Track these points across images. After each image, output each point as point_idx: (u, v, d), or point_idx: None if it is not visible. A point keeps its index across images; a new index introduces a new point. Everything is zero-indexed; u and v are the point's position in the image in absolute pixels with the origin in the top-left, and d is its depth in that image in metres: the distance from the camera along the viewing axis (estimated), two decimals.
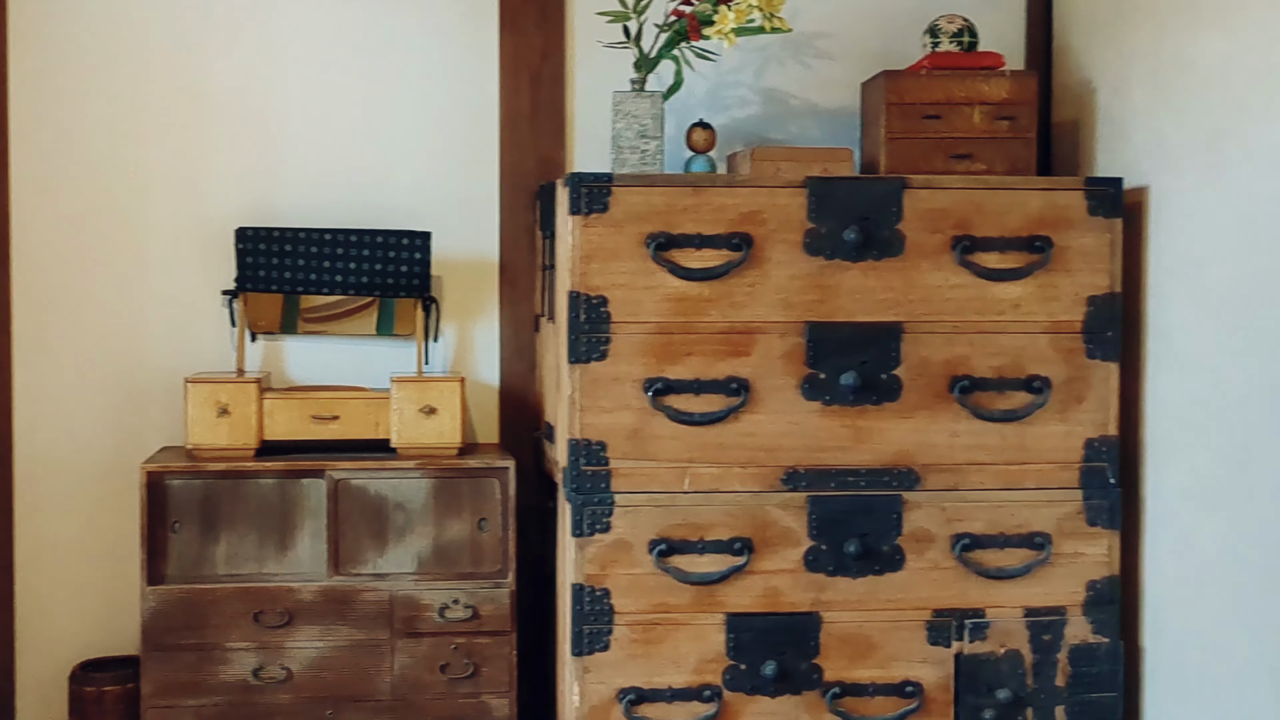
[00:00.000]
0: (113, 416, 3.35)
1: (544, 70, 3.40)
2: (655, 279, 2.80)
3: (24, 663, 3.34)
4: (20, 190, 3.32)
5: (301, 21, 3.38)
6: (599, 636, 2.82)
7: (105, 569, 3.36)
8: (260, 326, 3.35)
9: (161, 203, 3.36)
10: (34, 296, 3.33)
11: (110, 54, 3.33)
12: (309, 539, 3.08)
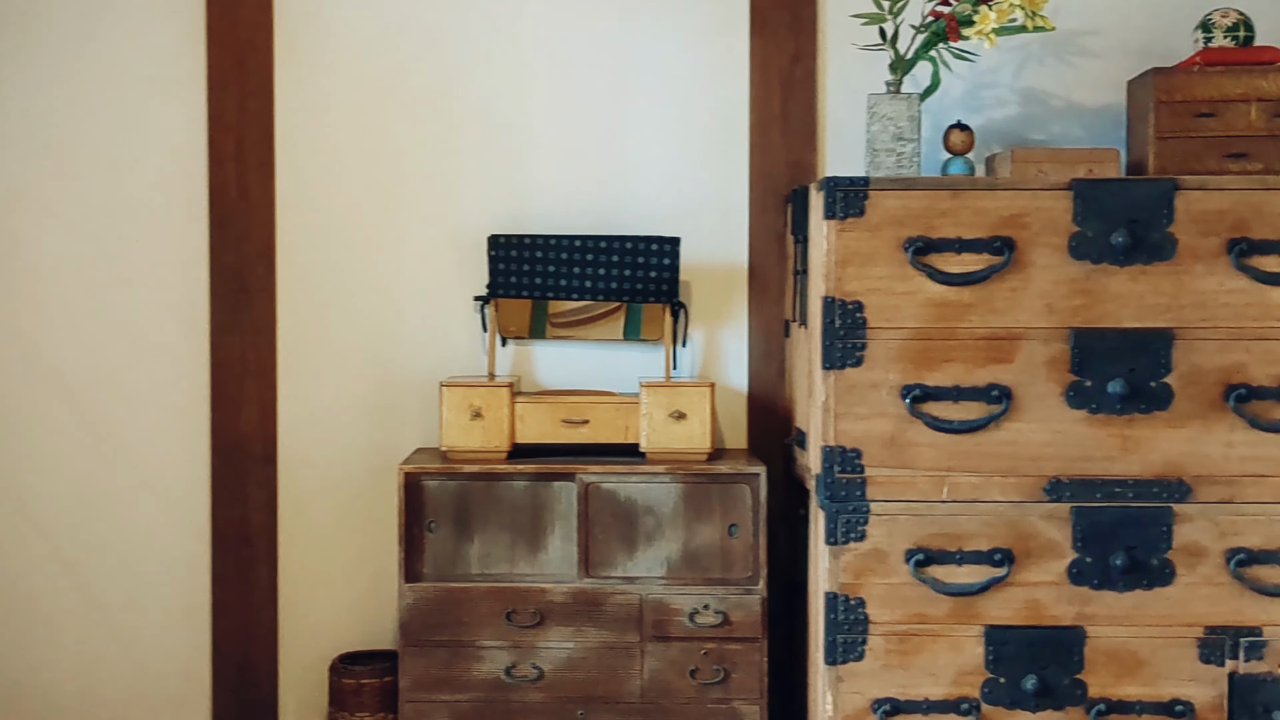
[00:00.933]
0: (370, 418, 3.53)
1: (795, 73, 3.44)
2: (913, 284, 2.82)
3: (286, 654, 3.54)
4: (284, 200, 3.52)
5: (553, 31, 3.50)
6: (853, 646, 2.84)
7: (363, 566, 3.53)
8: (510, 331, 3.47)
9: (417, 211, 3.52)
10: (297, 302, 3.53)
11: (369, 66, 3.51)
12: (559, 541, 3.19)
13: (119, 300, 3.54)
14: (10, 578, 3.55)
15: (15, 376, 3.55)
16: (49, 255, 3.54)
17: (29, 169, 3.53)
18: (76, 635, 3.56)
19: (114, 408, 3.54)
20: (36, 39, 3.51)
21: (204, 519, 3.54)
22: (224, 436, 3.52)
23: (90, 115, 3.52)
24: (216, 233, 3.51)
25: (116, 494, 3.55)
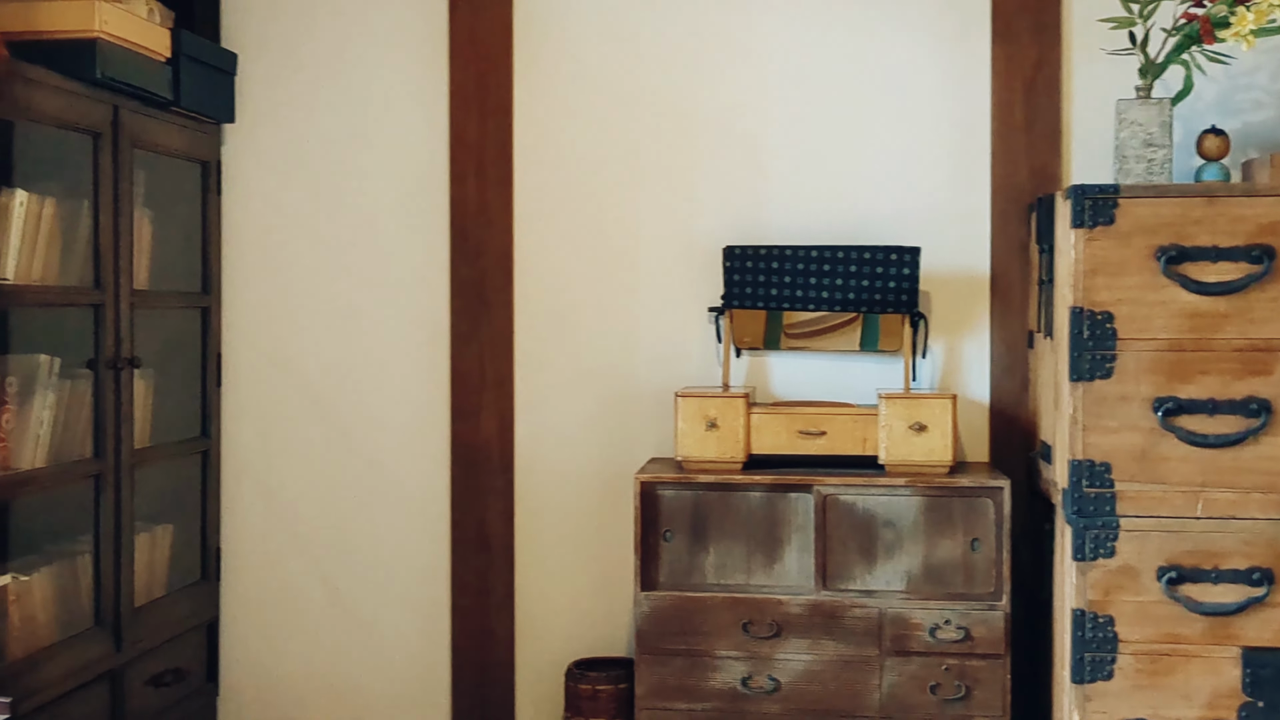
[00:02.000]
0: (605, 428, 3.65)
1: (1038, 79, 3.45)
2: (1165, 294, 2.80)
3: (523, 658, 3.69)
4: (522, 213, 3.67)
5: (789, 40, 3.57)
6: (1101, 665, 2.83)
7: (597, 573, 3.65)
8: (745, 342, 3.55)
9: (653, 222, 3.63)
10: (534, 313, 3.68)
11: (605, 80, 3.64)
12: (796, 553, 3.25)
13: (365, 313, 3.74)
14: (265, 577, 3.79)
15: (270, 387, 3.78)
16: (301, 270, 3.76)
17: (286, 189, 3.76)
18: (324, 633, 3.77)
19: (360, 416, 3.74)
20: (295, 66, 3.74)
21: (444, 525, 3.71)
22: (463, 445, 3.69)
23: (341, 137, 3.74)
24: (457, 246, 3.68)
25: (363, 499, 3.75)
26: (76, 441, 3.15)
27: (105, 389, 3.19)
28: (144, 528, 3.43)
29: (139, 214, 3.38)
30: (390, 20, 3.71)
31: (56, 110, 2.99)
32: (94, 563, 3.18)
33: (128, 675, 3.27)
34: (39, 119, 2.94)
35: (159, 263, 3.53)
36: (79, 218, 3.14)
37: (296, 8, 3.74)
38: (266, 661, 3.78)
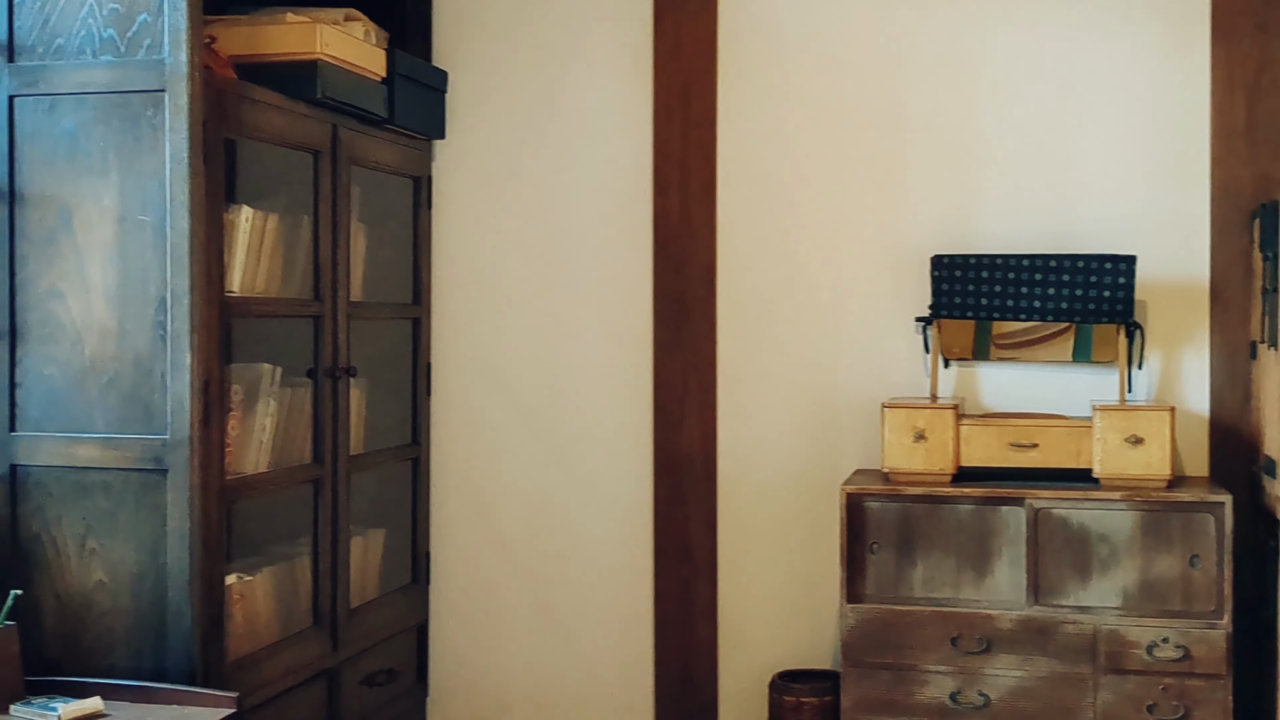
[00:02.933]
0: (808, 438, 3.66)
1: (1261, 82, 3.35)
2: None
3: (726, 669, 3.71)
4: (725, 223, 3.70)
5: (998, 45, 3.53)
6: None
7: (801, 584, 3.66)
8: (953, 353, 3.52)
9: (857, 231, 3.63)
10: (736, 323, 3.70)
11: (810, 90, 3.65)
12: (1007, 567, 3.21)
13: (570, 323, 3.82)
14: (472, 581, 3.89)
15: (477, 396, 3.89)
16: (508, 282, 3.86)
17: (493, 203, 3.87)
18: (529, 638, 3.85)
19: (565, 425, 3.82)
20: (503, 83, 3.84)
21: (648, 534, 3.76)
22: (666, 454, 3.73)
23: (547, 151, 3.82)
24: (660, 257, 3.74)
25: (567, 507, 3.82)
26: (296, 447, 3.28)
27: (323, 397, 3.32)
28: (357, 531, 3.55)
29: (354, 228, 3.51)
30: (595, 36, 3.78)
31: (279, 129, 3.12)
32: (312, 564, 3.31)
33: (343, 674, 3.39)
34: (263, 138, 3.07)
35: (372, 275, 3.66)
36: (299, 232, 3.27)
37: (505, 26, 3.84)
38: (474, 664, 3.88)
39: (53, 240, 2.75)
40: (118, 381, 2.73)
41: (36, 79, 2.74)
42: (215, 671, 2.78)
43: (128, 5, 2.69)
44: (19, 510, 2.77)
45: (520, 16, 3.83)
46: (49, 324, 2.76)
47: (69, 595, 2.74)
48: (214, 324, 2.79)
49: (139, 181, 2.70)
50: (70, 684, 2.63)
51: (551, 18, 3.81)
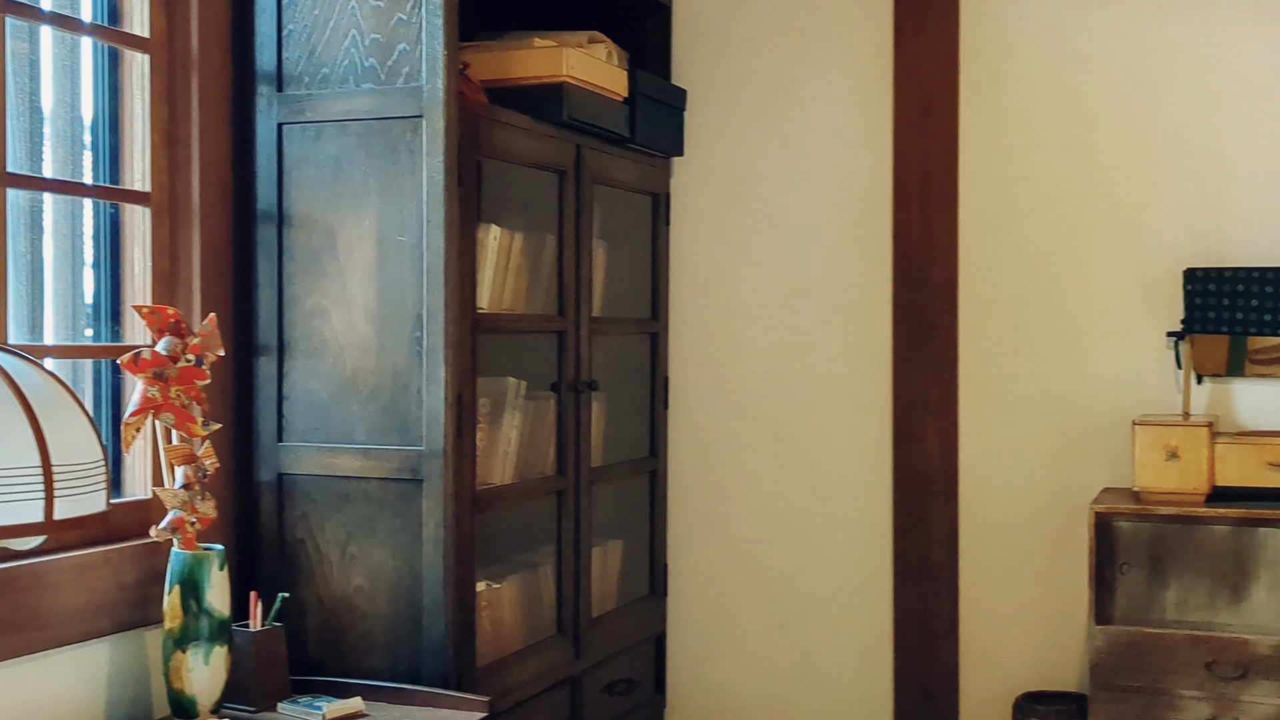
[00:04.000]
0: (1054, 455, 3.60)
1: None
2: None
3: (967, 689, 3.68)
4: (967, 237, 3.68)
5: (1251, 52, 3.43)
6: None
7: (1045, 604, 3.60)
8: (1206, 369, 3.43)
9: (1103, 245, 3.56)
10: (978, 338, 3.67)
11: (1054, 101, 3.60)
12: (1265, 591, 3.11)
13: (807, 337, 3.84)
14: (709, 594, 3.94)
15: (714, 410, 3.94)
16: (745, 297, 3.90)
17: (731, 218, 3.92)
18: (767, 653, 3.88)
19: (802, 439, 3.84)
20: (741, 99, 3.90)
21: (887, 550, 3.75)
22: (906, 471, 3.72)
23: (785, 165, 3.86)
24: (900, 270, 3.73)
25: (805, 521, 3.84)
26: (538, 459, 3.38)
27: (566, 410, 3.42)
28: (597, 542, 3.64)
29: (595, 245, 3.60)
30: (834, 51, 3.80)
31: (526, 151, 3.23)
32: (556, 574, 3.41)
33: (585, 682, 3.48)
34: (511, 159, 3.19)
35: (611, 291, 3.75)
36: (543, 250, 3.38)
37: (742, 43, 3.89)
38: (711, 677, 3.93)
39: (317, 260, 2.90)
40: (377, 395, 2.86)
41: (303, 108, 2.90)
42: (467, 676, 2.89)
43: (388, 35, 2.82)
44: (285, 517, 2.93)
45: (758, 33, 3.88)
46: (313, 340, 2.91)
47: (331, 599, 2.88)
48: (466, 340, 2.91)
49: (397, 204, 2.83)
50: (332, 684, 2.76)
51: (789, 32, 3.85)
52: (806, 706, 3.84)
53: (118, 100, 2.84)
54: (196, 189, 2.86)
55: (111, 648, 2.63)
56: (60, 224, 2.78)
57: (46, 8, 2.68)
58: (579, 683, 3.46)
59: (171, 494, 2.58)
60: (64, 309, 2.78)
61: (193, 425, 2.58)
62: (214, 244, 2.90)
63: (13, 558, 2.42)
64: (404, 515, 2.84)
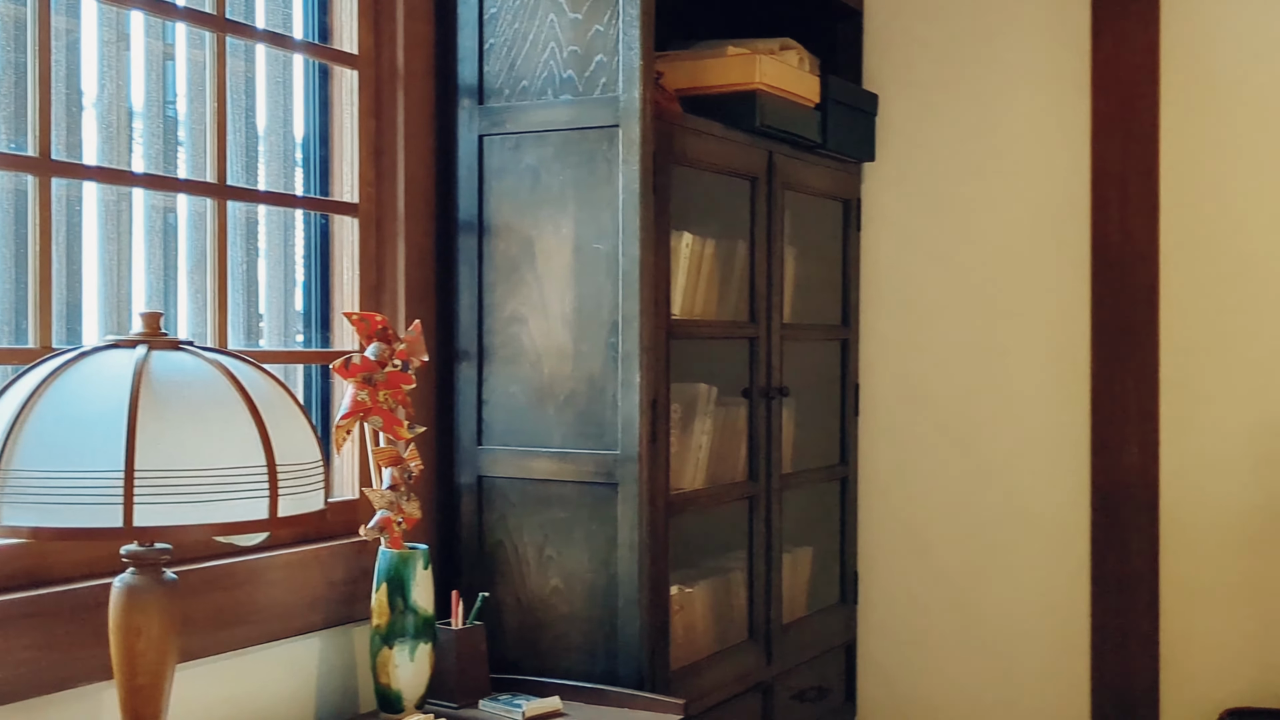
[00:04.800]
0: (1262, 465, 3.49)
1: None
2: None
3: (1168, 705, 3.59)
4: (1168, 243, 3.60)
5: None
6: None
7: (1253, 617, 3.50)
8: None
9: None
10: (1181, 346, 3.58)
11: (1262, 94, 3.50)
12: None
13: (1001, 344, 3.80)
14: (900, 603, 3.92)
15: (904, 417, 3.92)
16: (936, 303, 3.88)
17: (922, 224, 3.90)
18: (958, 663, 3.85)
19: (995, 448, 3.80)
20: (933, 103, 3.88)
21: (1084, 561, 3.69)
22: (1104, 481, 3.65)
23: (977, 171, 3.83)
24: (1098, 277, 3.66)
25: (998, 531, 3.80)
26: (729, 465, 3.41)
27: (757, 416, 3.44)
28: (787, 549, 3.65)
29: (785, 251, 3.62)
30: (1028, 54, 3.76)
31: (719, 158, 3.27)
32: (747, 579, 3.43)
33: (776, 689, 3.50)
34: (704, 166, 3.22)
35: (801, 297, 3.76)
36: (734, 257, 3.41)
37: (935, 48, 3.87)
38: (902, 686, 3.91)
39: (516, 269, 2.97)
40: (573, 400, 2.92)
41: (503, 119, 2.98)
42: (660, 678, 2.93)
43: (586, 47, 2.88)
44: (484, 518, 3.01)
45: (950, 37, 3.85)
46: (511, 346, 2.99)
47: (528, 599, 2.95)
48: (660, 345, 2.95)
49: (593, 212, 2.89)
50: (530, 683, 2.83)
51: (982, 36, 3.81)
52: (999, 718, 3.79)
53: (328, 115, 2.96)
54: (401, 200, 2.96)
55: (321, 643, 2.74)
56: (273, 235, 2.91)
57: (260, 26, 2.81)
58: (770, 688, 3.47)
59: (379, 494, 2.67)
60: (277, 316, 2.91)
61: (399, 428, 2.67)
62: (417, 253, 3.00)
63: (232, 554, 2.54)
64: (599, 518, 2.89)
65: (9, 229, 2.34)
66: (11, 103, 2.34)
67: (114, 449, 1.84)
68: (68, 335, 2.40)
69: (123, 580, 2.04)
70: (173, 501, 1.87)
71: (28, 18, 2.29)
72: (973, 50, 3.82)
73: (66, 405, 1.89)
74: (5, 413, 1.89)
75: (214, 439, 1.91)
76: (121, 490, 1.84)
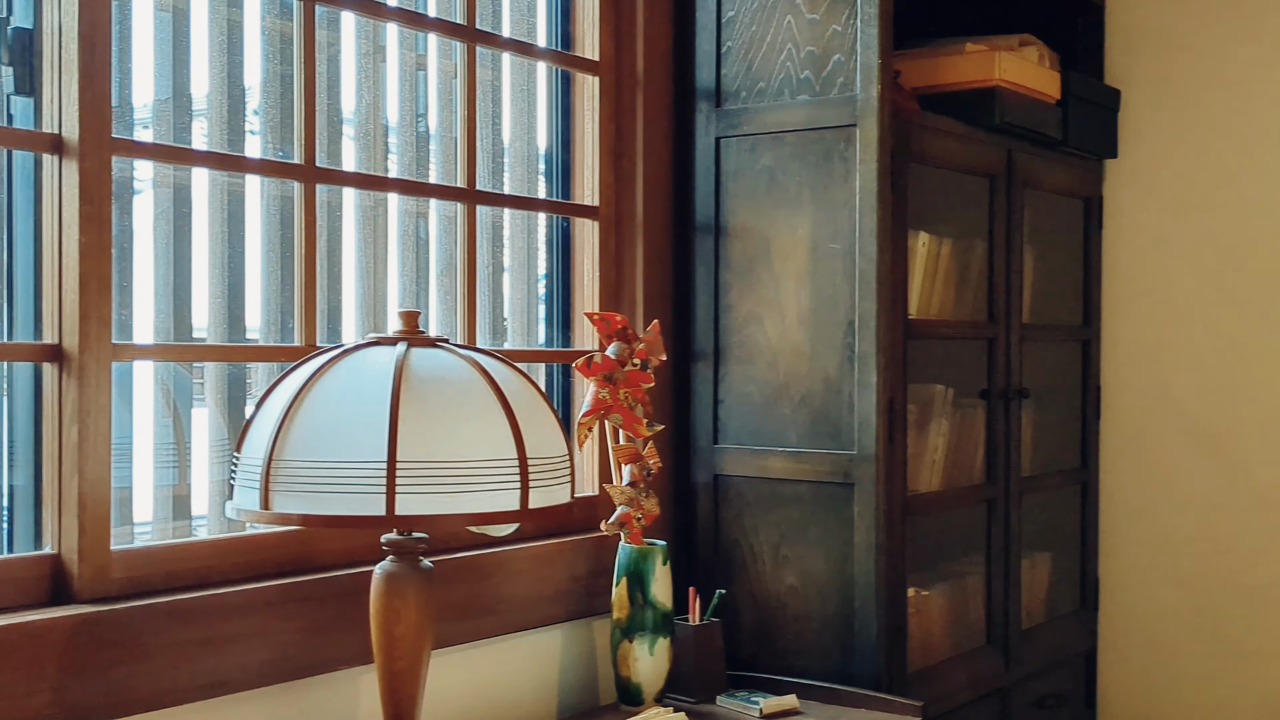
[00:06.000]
0: None
1: None
2: None
3: None
4: None
5: None
6: None
7: None
8: None
9: None
10: None
11: None
12: None
13: (1251, 347, 3.67)
14: (1144, 612, 3.82)
15: (1149, 421, 3.82)
16: (1183, 303, 3.77)
17: (1168, 222, 3.79)
18: (1205, 675, 3.72)
19: (1248, 454, 3.67)
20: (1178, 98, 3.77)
21: None
22: None
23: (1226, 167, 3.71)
24: None
25: (1250, 540, 3.67)
26: (965, 467, 3.38)
27: (996, 418, 3.40)
28: (1025, 554, 3.59)
29: (1024, 250, 3.57)
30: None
31: (956, 156, 3.24)
32: (985, 584, 3.39)
33: (1014, 695, 3.45)
34: (941, 165, 3.20)
35: (1040, 297, 3.69)
36: (971, 256, 3.37)
37: (1180, 42, 3.76)
38: (1144, 696, 3.81)
39: (751, 269, 3.01)
40: (808, 400, 2.94)
41: (740, 121, 3.01)
42: (898, 680, 2.92)
43: (823, 48, 2.90)
44: (720, 516, 3.04)
45: (1196, 31, 3.73)
46: (747, 346, 3.02)
47: (763, 597, 2.98)
48: (897, 346, 2.94)
49: (829, 212, 2.90)
50: (765, 680, 2.85)
51: (1231, 29, 3.69)
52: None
53: (569, 121, 3.04)
54: (640, 202, 3.02)
55: (564, 635, 2.82)
56: (516, 239, 3.00)
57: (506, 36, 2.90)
58: (1008, 694, 3.42)
59: (619, 490, 2.73)
60: (520, 316, 3.00)
61: (638, 426, 2.73)
62: (655, 254, 3.06)
63: (483, 546, 2.64)
64: (835, 518, 2.90)
65: (276, 234, 2.47)
66: (278, 114, 2.47)
67: (377, 441, 1.94)
68: (328, 335, 2.53)
69: (383, 567, 2.14)
70: (431, 491, 1.95)
71: (294, 32, 2.42)
72: (1221, 45, 3.70)
73: (332, 399, 2.00)
74: (276, 406, 2.01)
75: (469, 432, 1.99)
76: (384, 480, 1.93)
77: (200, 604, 2.16)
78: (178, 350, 2.34)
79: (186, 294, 2.37)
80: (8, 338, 2.13)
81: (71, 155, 2.08)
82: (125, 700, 2.05)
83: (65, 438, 2.08)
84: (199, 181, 2.38)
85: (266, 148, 2.47)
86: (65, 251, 2.09)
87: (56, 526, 2.10)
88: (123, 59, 2.21)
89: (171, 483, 2.35)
